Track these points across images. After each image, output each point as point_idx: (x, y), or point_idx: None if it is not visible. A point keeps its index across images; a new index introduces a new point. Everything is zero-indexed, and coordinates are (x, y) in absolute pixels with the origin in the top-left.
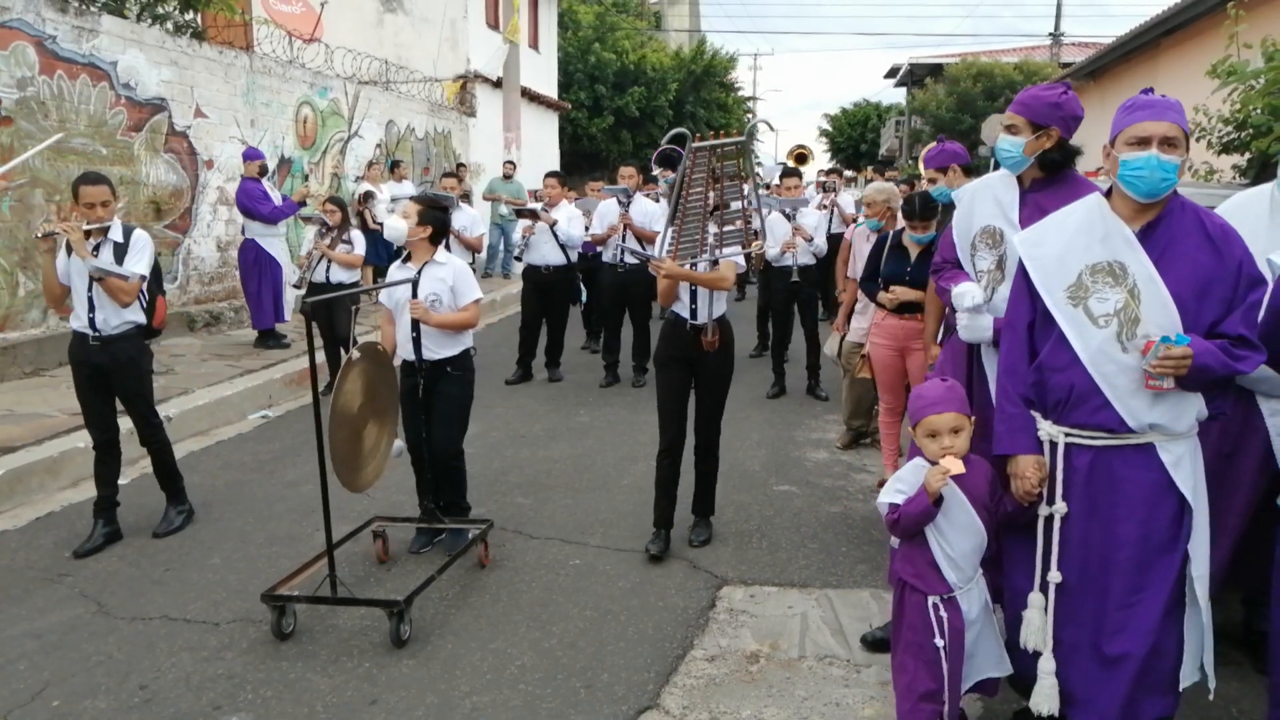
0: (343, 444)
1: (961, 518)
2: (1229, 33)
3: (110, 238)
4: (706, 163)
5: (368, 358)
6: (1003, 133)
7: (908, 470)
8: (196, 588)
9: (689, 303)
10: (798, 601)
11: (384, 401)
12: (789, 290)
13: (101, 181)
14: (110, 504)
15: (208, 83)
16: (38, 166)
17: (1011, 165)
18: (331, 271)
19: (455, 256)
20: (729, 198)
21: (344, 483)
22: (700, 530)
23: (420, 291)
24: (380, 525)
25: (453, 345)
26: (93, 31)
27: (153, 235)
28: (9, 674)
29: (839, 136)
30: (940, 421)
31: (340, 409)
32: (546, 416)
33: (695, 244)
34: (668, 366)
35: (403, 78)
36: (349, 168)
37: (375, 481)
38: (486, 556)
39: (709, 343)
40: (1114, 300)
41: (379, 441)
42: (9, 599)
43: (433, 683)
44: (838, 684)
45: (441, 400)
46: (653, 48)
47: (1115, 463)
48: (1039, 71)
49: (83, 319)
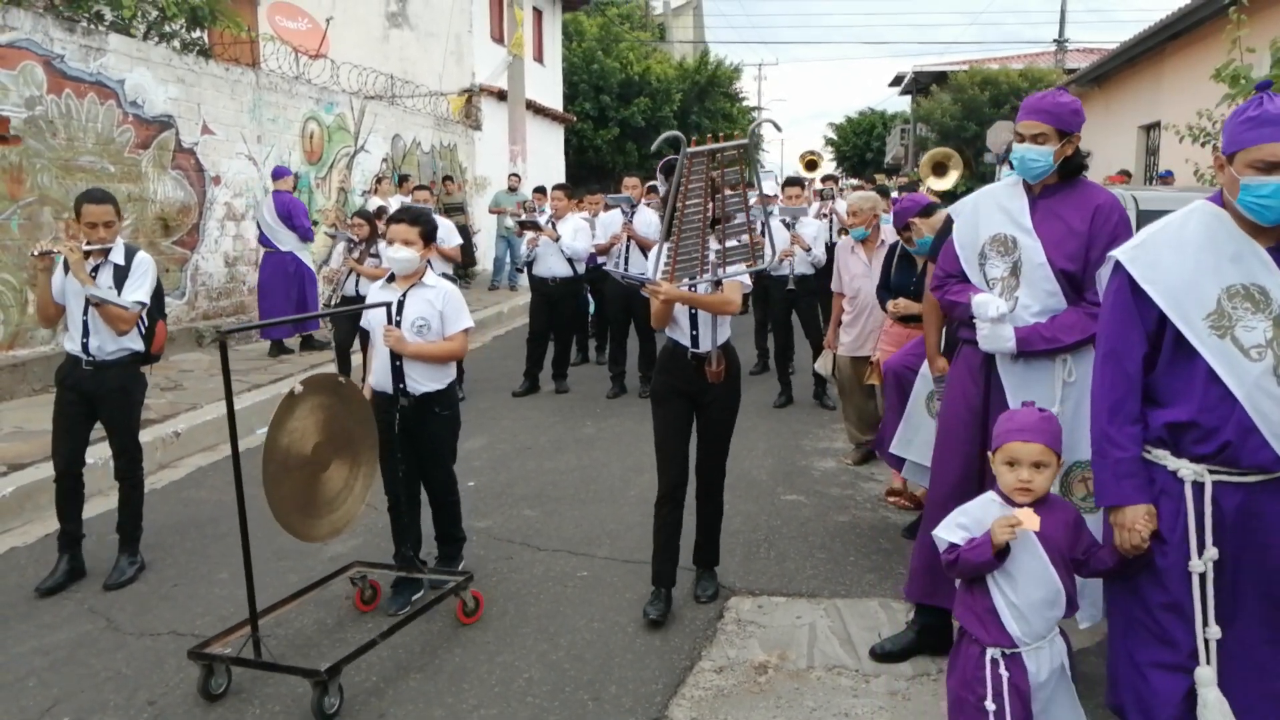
0: (293, 489)
1: (1032, 564)
2: (1231, 37)
3: (111, 260)
4: (704, 170)
5: (322, 392)
6: (1028, 143)
7: (975, 506)
8: (204, 603)
9: (689, 329)
10: (806, 611)
11: (354, 435)
12: (787, 299)
13: (106, 200)
14: (75, 539)
15: (214, 99)
16: (46, 184)
17: (1039, 174)
18: (361, 285)
19: (445, 280)
20: (731, 209)
21: (299, 533)
22: (706, 584)
23: (406, 316)
24: (359, 571)
25: (440, 378)
26: (100, 50)
27: (160, 252)
28: (18, 691)
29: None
30: (1023, 451)
31: (285, 450)
32: (553, 428)
33: (694, 262)
34: (667, 401)
35: (408, 92)
36: (355, 182)
37: (348, 527)
38: (465, 614)
39: (714, 374)
40: (1261, 329)
41: (350, 484)
42: (18, 615)
43: (440, 696)
44: (846, 694)
45: (431, 441)
46: (657, 59)
47: (1264, 498)
48: (1044, 78)
49: (76, 342)
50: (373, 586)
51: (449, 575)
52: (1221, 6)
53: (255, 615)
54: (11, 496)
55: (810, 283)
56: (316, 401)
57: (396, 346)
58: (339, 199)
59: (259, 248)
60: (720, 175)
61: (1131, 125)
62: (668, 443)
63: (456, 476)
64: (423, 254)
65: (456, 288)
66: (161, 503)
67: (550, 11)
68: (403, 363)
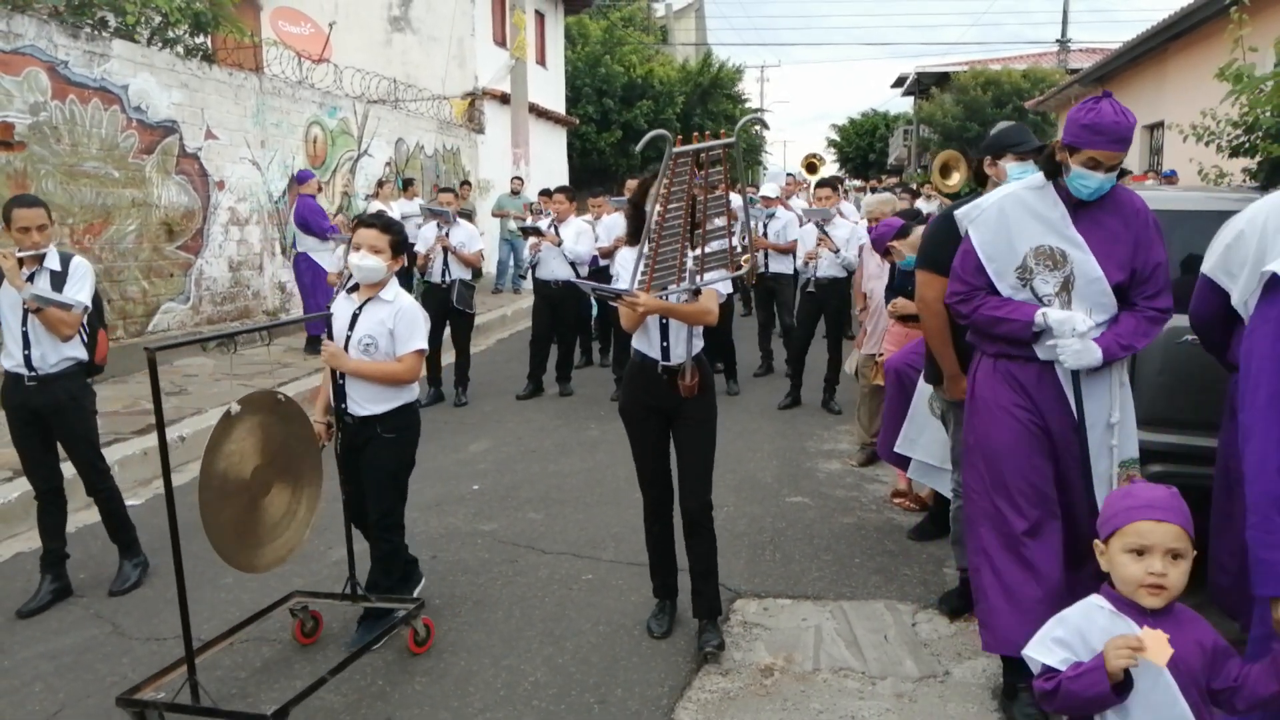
0: (232, 517)
1: (1159, 699)
2: (1233, 36)
3: (46, 266)
4: (689, 171)
5: (261, 411)
6: (1103, 172)
7: (1077, 615)
8: (210, 607)
9: (659, 340)
10: (812, 614)
11: (295, 457)
12: (810, 301)
13: (38, 204)
14: (59, 558)
15: (218, 104)
16: (51, 190)
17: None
18: None
19: (406, 295)
20: (713, 212)
21: (238, 564)
22: (710, 634)
23: (356, 331)
24: (299, 601)
25: (386, 400)
26: (104, 56)
27: (164, 257)
28: (25, 696)
29: (847, 147)
30: (1156, 533)
31: (223, 475)
32: (557, 431)
33: (672, 270)
34: (637, 418)
35: (411, 96)
36: (359, 186)
37: (290, 555)
38: (416, 644)
39: (687, 388)
40: None
41: (293, 509)
42: (25, 620)
43: (445, 700)
44: (853, 696)
45: (370, 468)
46: (659, 61)
47: None
48: (1046, 78)
49: (17, 357)
50: (314, 617)
51: (398, 603)
52: (1223, 6)
53: (191, 655)
54: (17, 502)
55: (841, 286)
56: (255, 421)
57: (332, 362)
58: (343, 203)
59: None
60: (705, 176)
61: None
62: (645, 461)
63: (403, 519)
64: (390, 264)
65: (416, 305)
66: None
67: (552, 15)
68: (345, 381)
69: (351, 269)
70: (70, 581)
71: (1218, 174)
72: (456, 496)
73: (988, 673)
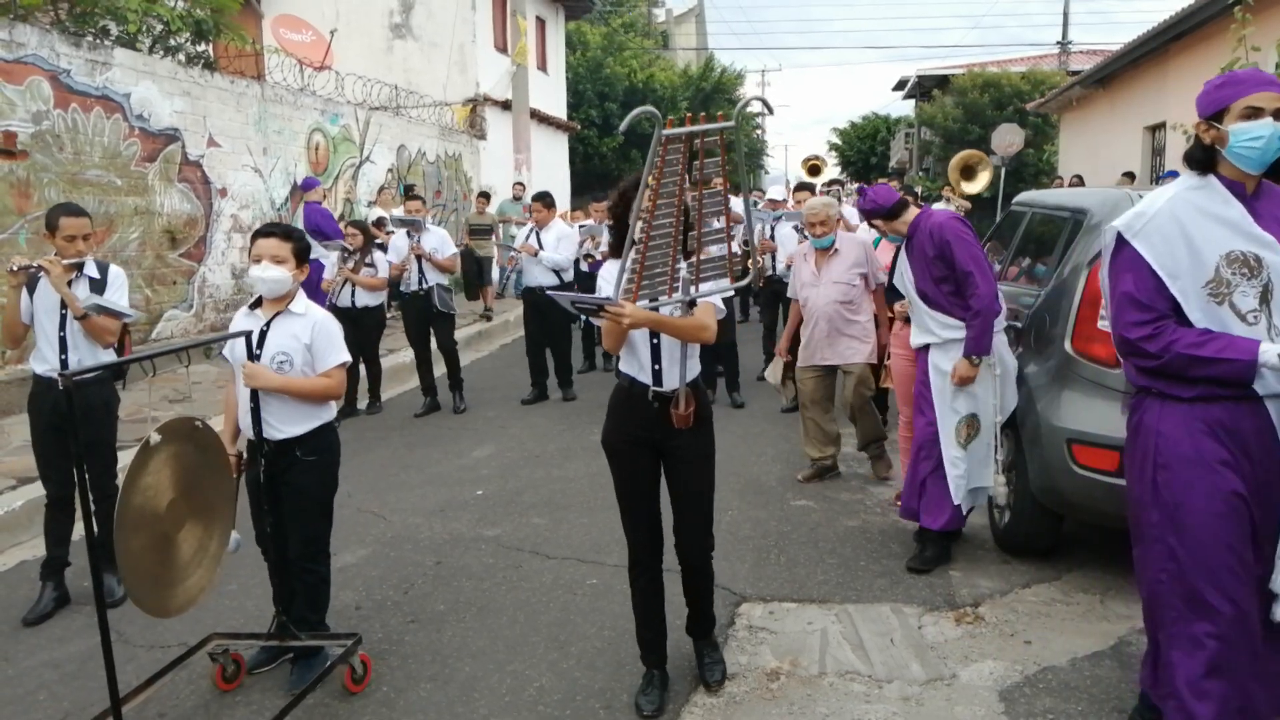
0: (145, 556)
1: None
2: (1236, 36)
3: (86, 274)
4: (680, 160)
5: (179, 439)
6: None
7: None
8: (214, 614)
9: (649, 362)
10: (817, 617)
11: (211, 493)
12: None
13: (83, 214)
14: (61, 565)
15: (220, 112)
16: (54, 198)
17: (1266, 159)
18: (358, 296)
19: (317, 307)
20: (709, 211)
21: (151, 608)
22: (711, 666)
23: (266, 350)
24: (219, 644)
25: (304, 420)
26: (106, 64)
27: (167, 264)
28: (29, 704)
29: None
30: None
31: (139, 511)
32: (560, 436)
33: (663, 279)
34: (623, 452)
35: (413, 102)
36: (361, 193)
37: (202, 597)
38: (353, 682)
39: (681, 418)
40: None
41: (205, 545)
42: (29, 629)
43: (451, 706)
44: (859, 700)
45: (292, 494)
46: (660, 66)
47: None
48: (1047, 80)
49: (52, 361)
50: (235, 661)
51: (331, 640)
52: (1225, 6)
53: (118, 703)
54: (21, 510)
55: None
56: (172, 451)
57: (253, 382)
58: (345, 209)
59: None
60: (699, 166)
61: (1137, 126)
62: (632, 503)
63: (329, 547)
64: (296, 274)
65: (330, 317)
66: None
67: (553, 20)
68: (259, 404)
69: (252, 282)
70: (69, 590)
71: None
72: (460, 502)
73: (994, 675)
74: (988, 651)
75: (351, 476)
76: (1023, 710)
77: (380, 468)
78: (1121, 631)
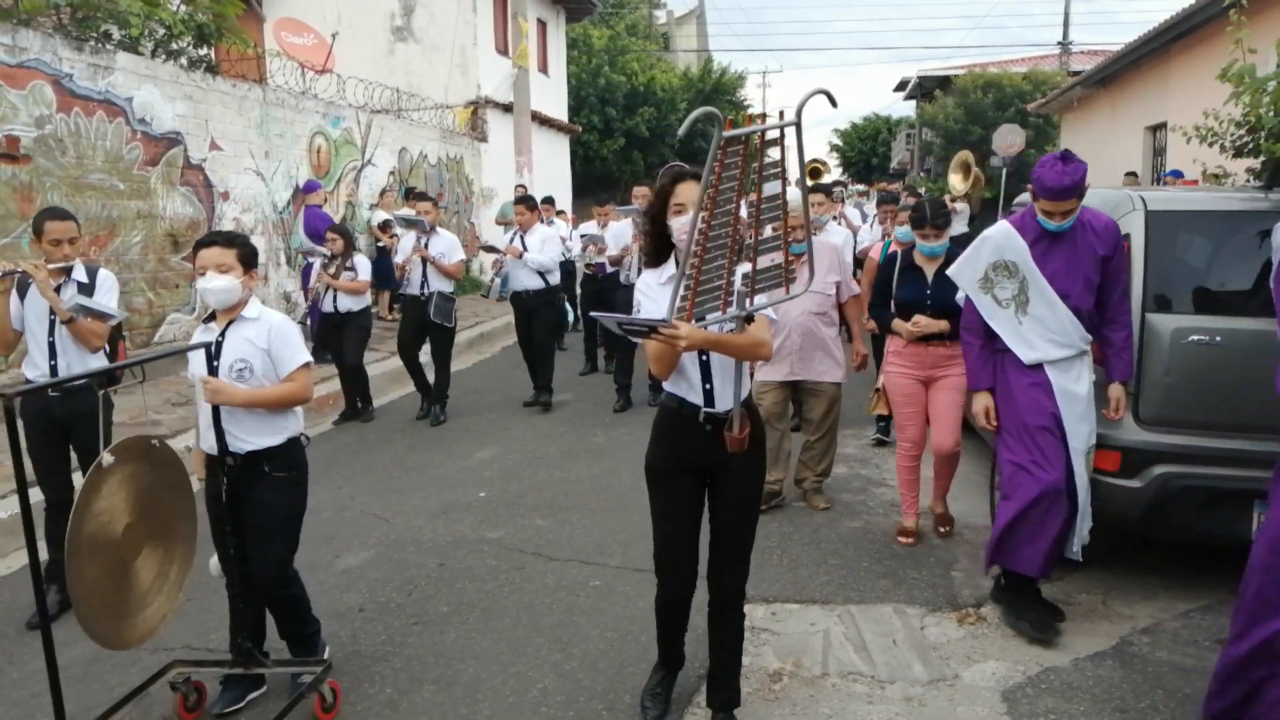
0: (100, 586)
1: None
2: (1234, 37)
3: (74, 278)
4: (739, 163)
5: (134, 459)
6: None
7: None
8: (218, 617)
9: (700, 381)
10: (820, 618)
11: (169, 514)
12: None
13: (69, 217)
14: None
15: (222, 115)
16: (56, 203)
17: None
18: (340, 301)
19: (273, 310)
20: (767, 217)
21: (106, 640)
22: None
23: (224, 359)
24: (180, 672)
25: (271, 432)
26: (108, 69)
27: (170, 268)
28: (33, 708)
29: (850, 151)
30: None
31: (91, 536)
32: (563, 438)
33: (717, 294)
34: (670, 480)
35: (414, 105)
36: (363, 196)
37: (161, 627)
38: (323, 710)
39: (735, 441)
40: None
41: (165, 571)
42: (34, 632)
43: (454, 707)
44: (861, 701)
45: (258, 511)
46: (662, 68)
47: None
48: (1048, 80)
49: (42, 367)
50: (197, 688)
51: (300, 666)
52: (1226, 6)
53: None
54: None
55: None
56: (128, 472)
57: (216, 399)
58: (347, 213)
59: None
60: (757, 171)
61: (1138, 126)
62: (673, 535)
63: (294, 567)
64: (245, 282)
65: (286, 318)
66: None
67: (555, 23)
68: (221, 416)
69: (201, 295)
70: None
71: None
72: (463, 504)
73: (997, 675)
74: (990, 652)
75: (354, 479)
76: (1025, 710)
77: (382, 470)
78: (1124, 632)
